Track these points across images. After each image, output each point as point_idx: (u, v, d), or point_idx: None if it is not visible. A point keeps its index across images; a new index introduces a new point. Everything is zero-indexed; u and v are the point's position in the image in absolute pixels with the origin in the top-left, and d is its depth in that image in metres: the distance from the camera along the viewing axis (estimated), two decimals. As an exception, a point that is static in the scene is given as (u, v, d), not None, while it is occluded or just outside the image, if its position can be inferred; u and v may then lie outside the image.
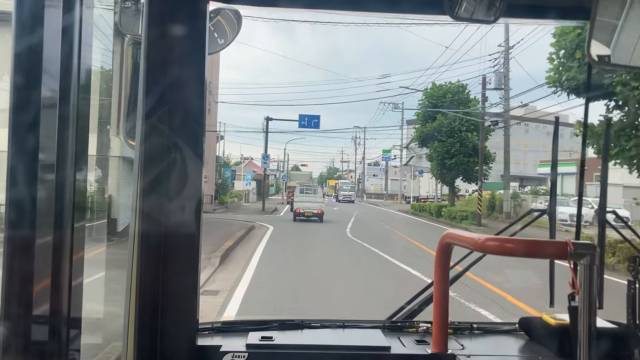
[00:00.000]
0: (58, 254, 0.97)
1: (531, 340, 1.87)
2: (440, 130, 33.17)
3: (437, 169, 34.07)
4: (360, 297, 9.35)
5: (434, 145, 33.61)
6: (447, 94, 34.15)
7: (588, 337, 1.14)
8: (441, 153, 33.08)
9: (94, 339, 1.87)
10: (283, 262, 13.81)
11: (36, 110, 0.93)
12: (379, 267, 13.10)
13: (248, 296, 9.11)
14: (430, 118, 34.38)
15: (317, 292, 10.03)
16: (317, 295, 9.73)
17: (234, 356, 1.62)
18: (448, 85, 34.98)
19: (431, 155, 34.87)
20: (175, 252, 1.54)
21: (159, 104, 1.51)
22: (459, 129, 32.92)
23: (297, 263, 13.85)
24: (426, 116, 34.93)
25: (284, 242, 18.21)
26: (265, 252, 14.97)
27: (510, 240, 1.33)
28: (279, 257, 14.62)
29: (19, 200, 0.93)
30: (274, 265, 12.86)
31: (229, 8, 1.69)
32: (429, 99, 34.97)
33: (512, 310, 8.31)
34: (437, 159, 33.58)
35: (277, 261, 13.74)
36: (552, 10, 1.73)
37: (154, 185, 1.51)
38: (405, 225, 28.57)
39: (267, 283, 10.38)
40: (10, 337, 0.94)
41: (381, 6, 1.70)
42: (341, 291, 9.96)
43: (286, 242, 18.56)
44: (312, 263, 13.90)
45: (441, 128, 33.08)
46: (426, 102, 35.30)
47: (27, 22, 0.93)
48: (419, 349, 1.71)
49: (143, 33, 1.49)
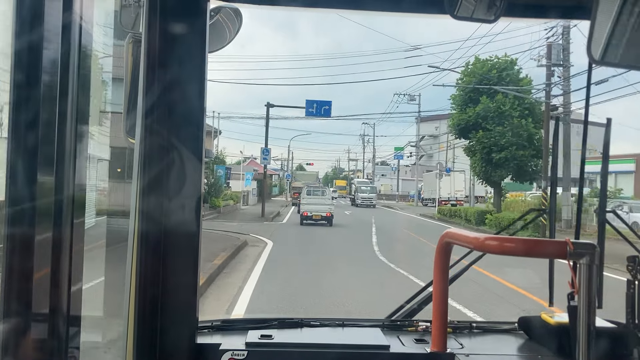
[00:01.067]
0: (57, 252, 0.97)
1: (530, 339, 1.87)
2: (485, 116, 26.35)
3: (481, 165, 27.46)
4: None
5: (477, 135, 26.76)
6: (493, 71, 27.02)
7: (587, 337, 1.14)
8: (487, 145, 26.32)
9: (94, 337, 1.87)
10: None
11: (36, 108, 0.93)
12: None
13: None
14: (472, 101, 27.56)
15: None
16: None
17: (234, 354, 1.62)
18: (494, 60, 27.58)
19: (472, 148, 28.22)
20: (175, 250, 1.55)
21: (159, 103, 1.51)
22: (510, 114, 25.92)
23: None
24: (466, 99, 27.97)
25: (286, 276, 11.12)
26: (254, 303, 8.41)
27: (509, 239, 1.33)
28: (275, 311, 7.92)
29: (18, 198, 0.93)
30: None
31: (229, 6, 1.69)
32: (469, 78, 28.04)
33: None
34: (481, 152, 26.87)
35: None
36: (552, 9, 1.73)
37: (154, 183, 1.51)
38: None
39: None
40: (10, 335, 0.94)
41: (381, 5, 1.70)
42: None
43: (290, 273, 11.47)
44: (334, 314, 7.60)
45: (487, 114, 26.28)
46: (465, 83, 28.31)
47: (27, 20, 0.93)
48: (418, 348, 1.71)
49: (143, 31, 1.49)
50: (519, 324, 1.94)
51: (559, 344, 1.68)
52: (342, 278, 10.98)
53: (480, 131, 26.51)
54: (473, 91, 27.68)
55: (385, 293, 9.03)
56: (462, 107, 28.21)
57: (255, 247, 15.47)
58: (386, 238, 19.80)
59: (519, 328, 1.94)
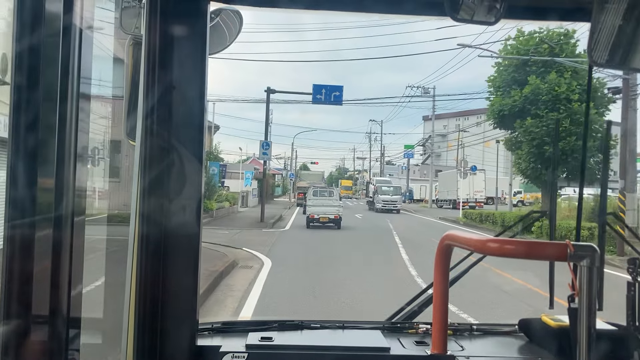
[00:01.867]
0: (57, 253, 0.97)
1: (531, 341, 1.87)
2: (535, 100, 21.42)
3: (528, 160, 22.63)
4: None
5: (527, 122, 21.69)
6: (543, 45, 22.18)
7: (587, 339, 1.13)
8: (538, 135, 21.37)
9: (94, 339, 1.87)
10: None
11: (36, 109, 0.94)
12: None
13: None
14: (517, 83, 22.57)
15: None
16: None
17: (234, 356, 1.62)
18: (543, 33, 22.54)
19: (515, 140, 23.64)
20: (176, 252, 1.55)
21: (160, 105, 1.51)
22: (567, 96, 20.94)
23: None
24: (509, 81, 23.01)
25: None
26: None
27: (510, 241, 1.33)
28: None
29: (18, 199, 0.93)
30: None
31: (230, 8, 1.69)
32: (513, 53, 23.08)
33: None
34: (530, 144, 22.02)
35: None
36: (552, 12, 1.73)
37: (154, 185, 1.51)
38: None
39: None
40: (10, 336, 0.94)
41: (382, 7, 1.70)
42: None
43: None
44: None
45: (537, 97, 21.35)
46: (506, 63, 23.47)
47: (27, 22, 0.94)
48: (418, 350, 1.71)
49: (144, 33, 1.49)
50: (519, 326, 1.94)
51: (560, 347, 1.67)
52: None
53: (528, 119, 21.59)
54: (517, 70, 23.00)
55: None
56: (503, 90, 23.09)
57: (246, 271, 11.42)
58: (420, 255, 13.98)
59: (519, 330, 1.93)
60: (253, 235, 19.31)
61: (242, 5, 1.70)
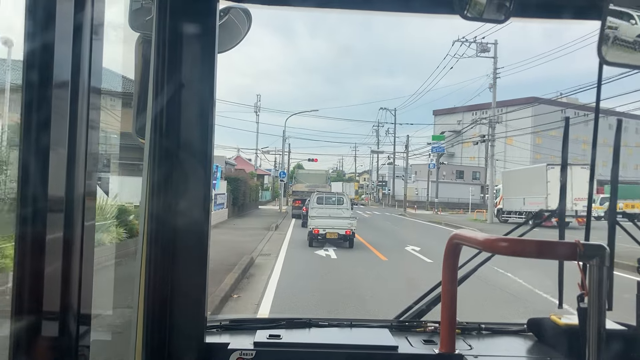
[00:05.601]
0: (68, 251, 0.98)
1: (539, 341, 1.86)
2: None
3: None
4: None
5: None
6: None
7: (597, 339, 1.13)
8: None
9: (104, 335, 1.88)
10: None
11: (47, 109, 0.94)
12: None
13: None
14: None
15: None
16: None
17: (242, 354, 1.63)
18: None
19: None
20: (184, 250, 1.55)
21: (169, 103, 1.52)
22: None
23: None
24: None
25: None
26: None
27: (519, 240, 1.32)
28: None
29: (30, 198, 0.94)
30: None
31: (239, 7, 1.69)
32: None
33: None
34: None
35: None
36: (563, 9, 1.72)
37: (163, 183, 1.52)
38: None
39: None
40: (21, 333, 0.95)
41: (390, 5, 1.69)
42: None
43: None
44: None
45: None
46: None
47: (38, 21, 0.94)
48: (426, 349, 1.70)
49: (153, 31, 1.50)
50: (528, 325, 1.93)
51: (569, 346, 1.67)
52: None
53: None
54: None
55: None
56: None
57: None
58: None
59: (528, 329, 1.93)
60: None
61: (252, 4, 1.71)
